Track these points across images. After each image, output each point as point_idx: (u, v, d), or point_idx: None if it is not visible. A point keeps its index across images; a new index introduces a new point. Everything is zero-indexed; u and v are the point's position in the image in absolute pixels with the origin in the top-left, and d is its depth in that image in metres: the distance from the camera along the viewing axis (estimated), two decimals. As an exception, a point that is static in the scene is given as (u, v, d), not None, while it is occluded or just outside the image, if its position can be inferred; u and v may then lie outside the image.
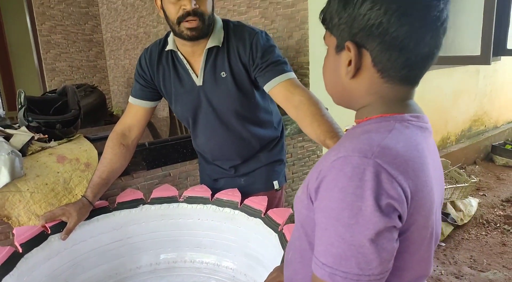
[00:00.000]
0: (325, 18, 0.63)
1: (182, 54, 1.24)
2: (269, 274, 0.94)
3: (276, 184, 1.37)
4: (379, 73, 0.59)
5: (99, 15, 5.20)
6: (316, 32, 2.26)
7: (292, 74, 1.18)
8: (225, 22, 1.23)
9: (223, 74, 1.21)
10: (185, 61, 1.24)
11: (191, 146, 1.49)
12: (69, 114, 1.62)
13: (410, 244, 0.57)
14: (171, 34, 1.24)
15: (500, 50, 3.97)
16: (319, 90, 1.18)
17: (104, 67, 5.49)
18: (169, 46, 1.24)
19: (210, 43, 1.19)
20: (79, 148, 1.49)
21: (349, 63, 0.60)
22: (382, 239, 0.51)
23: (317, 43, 2.29)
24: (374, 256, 0.51)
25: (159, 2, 1.17)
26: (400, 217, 0.53)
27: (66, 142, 1.57)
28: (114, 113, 4.66)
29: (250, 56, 1.18)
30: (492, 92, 4.22)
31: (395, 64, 0.57)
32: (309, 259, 0.62)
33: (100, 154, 1.47)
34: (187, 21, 1.11)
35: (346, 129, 0.69)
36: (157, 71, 1.28)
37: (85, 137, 1.65)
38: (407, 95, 0.62)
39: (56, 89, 1.77)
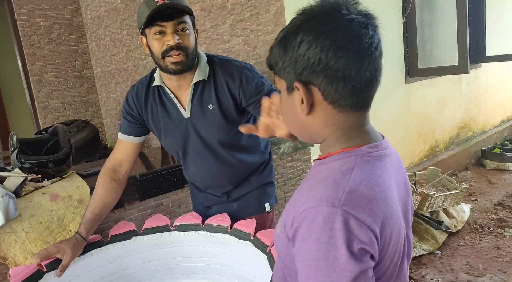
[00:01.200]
0: (271, 64, 0.68)
1: (169, 88, 1.29)
2: None
3: (267, 206, 1.41)
4: (331, 105, 0.63)
5: (89, 51, 5.33)
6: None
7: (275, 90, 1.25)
8: (210, 58, 1.30)
9: (210, 107, 1.27)
10: (172, 96, 1.29)
11: (182, 174, 1.54)
12: (60, 153, 1.67)
13: (384, 272, 0.62)
14: (157, 70, 1.30)
15: (480, 57, 4.11)
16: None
17: (96, 101, 5.58)
18: (156, 82, 1.29)
19: (197, 77, 1.25)
20: (72, 185, 1.54)
21: (302, 101, 0.63)
22: (359, 281, 0.55)
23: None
24: None
25: (144, 40, 1.22)
26: (372, 257, 0.58)
27: (59, 180, 1.62)
28: (108, 145, 4.71)
29: (240, 88, 1.24)
30: (476, 98, 4.32)
31: (343, 93, 0.61)
32: None
33: (92, 189, 1.51)
34: (171, 55, 1.16)
35: (314, 160, 0.72)
36: (145, 108, 1.33)
37: (78, 174, 1.70)
38: (363, 120, 0.66)
39: (49, 127, 1.83)
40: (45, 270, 1.19)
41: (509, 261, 2.36)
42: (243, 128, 0.90)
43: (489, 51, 3.99)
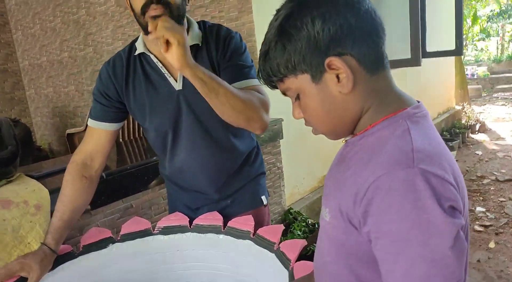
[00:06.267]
0: (273, 71, 0.61)
1: (155, 56, 1.11)
2: None
3: (264, 199, 1.28)
4: (365, 70, 0.59)
5: (13, 42, 4.75)
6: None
7: (256, 82, 1.12)
8: (201, 22, 1.15)
9: None
10: (160, 64, 1.10)
11: (153, 171, 1.36)
12: (6, 151, 1.39)
13: (466, 236, 0.55)
14: (139, 37, 1.13)
15: (422, 53, 4.34)
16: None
17: (23, 98, 5.01)
18: (139, 50, 1.11)
19: (190, 41, 1.07)
20: (25, 189, 1.29)
21: (338, 79, 0.58)
22: (458, 242, 0.49)
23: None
24: (456, 263, 0.49)
25: (127, 1, 1.05)
26: (460, 213, 0.51)
27: (6, 184, 1.35)
28: (41, 147, 4.23)
29: (221, 54, 1.10)
30: (418, 93, 4.57)
31: (373, 50, 0.58)
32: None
33: (51, 192, 1.28)
34: (150, 10, 0.99)
35: (346, 141, 0.67)
36: (125, 84, 1.13)
37: (27, 176, 1.43)
38: (392, 81, 0.63)
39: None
40: (6, 293, 0.96)
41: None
42: None
43: (429, 47, 4.23)
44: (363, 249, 0.56)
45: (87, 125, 1.23)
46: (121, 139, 2.52)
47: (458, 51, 3.63)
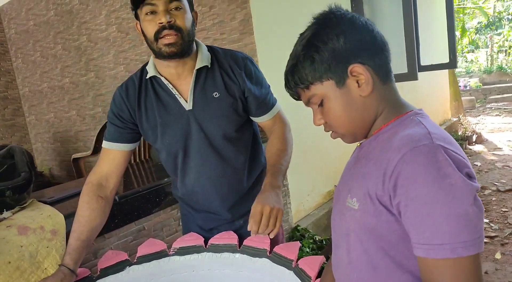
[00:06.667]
0: (301, 80, 0.71)
1: (166, 79, 1.15)
2: None
3: (277, 218, 1.30)
4: (379, 79, 0.70)
5: (13, 69, 4.81)
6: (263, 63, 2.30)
7: (278, 106, 1.25)
8: (209, 46, 1.21)
9: (216, 95, 1.15)
10: (170, 86, 1.15)
11: (164, 192, 1.37)
12: (19, 178, 1.41)
13: None
14: (150, 61, 1.18)
15: (418, 67, 4.44)
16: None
17: (23, 125, 5.03)
18: (150, 73, 1.15)
19: (199, 63, 1.14)
20: (41, 214, 1.30)
21: (358, 84, 0.69)
22: (476, 202, 0.57)
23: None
24: (477, 218, 0.57)
25: (139, 26, 1.12)
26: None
27: (19, 210, 1.36)
28: (43, 172, 4.23)
29: (244, 75, 1.17)
30: (416, 106, 4.62)
31: (384, 63, 0.70)
32: (384, 267, 0.66)
33: (67, 217, 1.29)
34: (164, 36, 1.06)
35: (360, 144, 0.77)
36: (138, 107, 1.17)
37: (40, 201, 1.45)
38: (397, 91, 0.74)
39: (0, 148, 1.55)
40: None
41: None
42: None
43: (423, 61, 4.31)
44: (393, 229, 0.63)
45: (94, 149, 1.26)
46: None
47: (452, 64, 3.99)
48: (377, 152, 0.68)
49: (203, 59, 1.14)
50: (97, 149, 2.41)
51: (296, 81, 0.72)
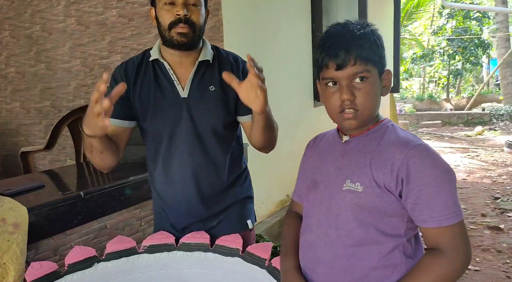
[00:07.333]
0: (371, 55, 0.85)
1: (168, 64, 1.21)
2: None
3: (249, 223, 1.33)
4: None
5: None
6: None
7: (268, 107, 1.27)
8: (213, 45, 1.29)
9: (212, 88, 1.21)
10: (171, 71, 1.21)
11: (130, 190, 1.36)
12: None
13: None
14: (155, 46, 1.23)
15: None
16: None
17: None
18: (154, 56, 1.21)
19: (203, 56, 1.21)
20: (1, 206, 1.23)
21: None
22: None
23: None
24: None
25: (153, 12, 1.19)
26: None
27: (-27, 201, 1.27)
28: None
29: (241, 76, 1.23)
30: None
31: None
32: (372, 236, 0.84)
33: (29, 210, 1.24)
34: (177, 28, 1.14)
35: (346, 141, 0.95)
36: (133, 85, 1.21)
37: (-3, 193, 1.36)
38: None
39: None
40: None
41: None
42: (225, 74, 1.00)
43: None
44: (392, 206, 0.82)
45: (47, 143, 1.22)
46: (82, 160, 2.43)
47: (395, 89, 4.80)
48: (373, 146, 0.86)
49: (206, 54, 1.22)
50: (51, 143, 2.27)
51: (365, 49, 0.83)
